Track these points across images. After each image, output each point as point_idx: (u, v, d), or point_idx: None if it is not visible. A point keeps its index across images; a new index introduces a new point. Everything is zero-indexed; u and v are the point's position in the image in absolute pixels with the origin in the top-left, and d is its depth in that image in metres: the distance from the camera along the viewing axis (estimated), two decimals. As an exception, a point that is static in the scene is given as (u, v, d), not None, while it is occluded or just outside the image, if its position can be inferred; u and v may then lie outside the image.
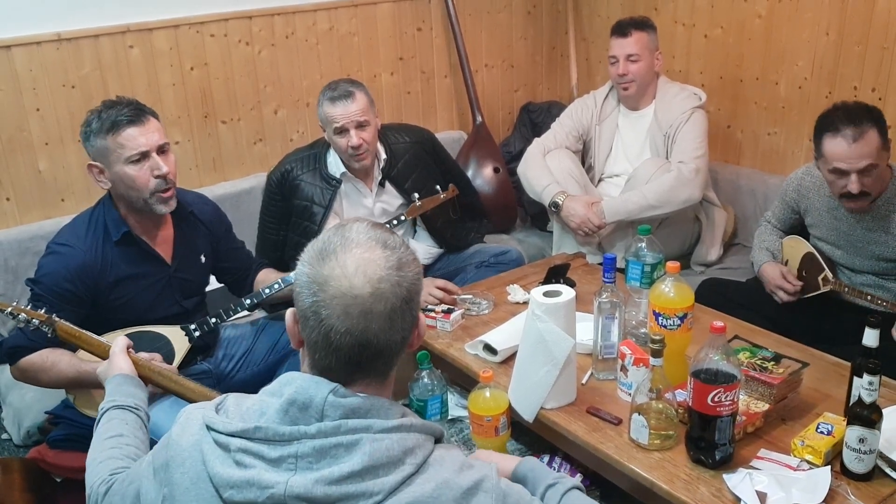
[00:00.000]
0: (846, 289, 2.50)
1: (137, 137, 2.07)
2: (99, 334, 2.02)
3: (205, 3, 3.16)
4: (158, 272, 2.25)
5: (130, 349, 1.78)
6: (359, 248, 1.15)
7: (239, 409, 1.17)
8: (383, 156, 2.84)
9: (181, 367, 2.21)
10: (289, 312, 1.21)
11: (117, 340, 1.77)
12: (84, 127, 2.10)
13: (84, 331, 1.96)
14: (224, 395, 1.23)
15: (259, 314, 2.75)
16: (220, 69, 3.26)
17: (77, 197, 3.05)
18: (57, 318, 1.93)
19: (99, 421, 1.52)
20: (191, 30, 3.15)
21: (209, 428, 1.15)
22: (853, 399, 1.71)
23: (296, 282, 1.18)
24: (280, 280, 2.39)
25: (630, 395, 1.87)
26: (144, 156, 2.09)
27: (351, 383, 1.16)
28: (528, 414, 1.94)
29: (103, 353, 1.87)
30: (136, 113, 2.08)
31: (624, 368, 1.94)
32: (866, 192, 2.36)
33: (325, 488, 1.06)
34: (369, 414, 1.12)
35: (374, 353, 1.15)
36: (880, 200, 2.42)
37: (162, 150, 2.13)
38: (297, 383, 1.14)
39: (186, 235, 2.32)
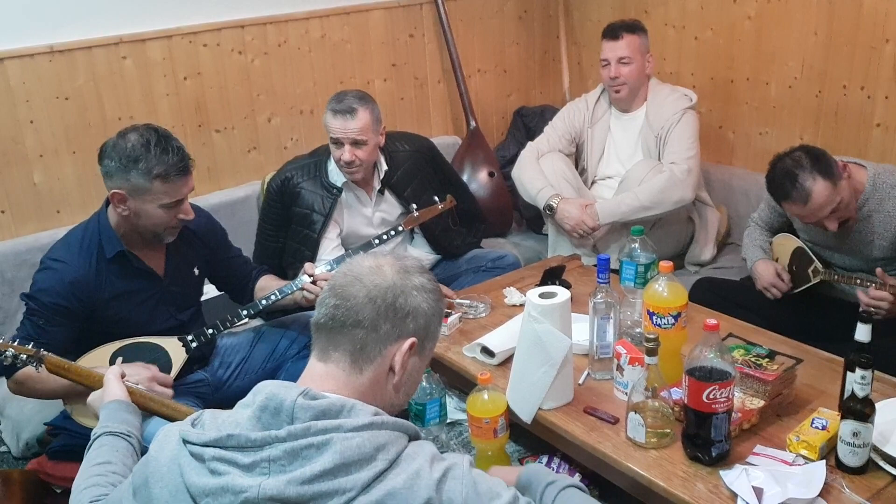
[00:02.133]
0: (836, 276, 2.52)
1: (182, 188, 2.13)
2: (97, 346, 2.02)
3: (197, 13, 3.17)
4: (151, 287, 2.25)
5: (123, 376, 1.76)
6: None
7: (215, 421, 1.19)
8: (384, 167, 2.85)
9: (178, 378, 2.22)
10: None
11: (111, 367, 1.76)
12: (125, 160, 2.06)
13: (73, 363, 1.94)
14: (201, 410, 1.25)
15: (256, 322, 2.76)
16: (213, 78, 3.27)
17: (72, 209, 3.06)
18: (45, 353, 1.92)
19: (90, 447, 1.52)
20: (184, 40, 3.16)
21: (185, 441, 1.18)
22: (847, 394, 1.72)
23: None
24: (276, 291, 2.39)
25: (626, 394, 1.88)
26: (179, 202, 2.15)
27: (326, 358, 1.23)
28: (526, 415, 1.95)
29: (94, 384, 1.85)
30: (186, 165, 2.14)
31: (620, 368, 1.95)
32: (846, 220, 2.41)
33: (297, 488, 1.09)
34: (340, 414, 1.14)
35: (341, 322, 1.22)
36: (863, 204, 2.43)
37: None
38: (267, 390, 1.17)
39: (179, 248, 2.33)
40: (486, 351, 2.20)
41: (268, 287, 2.50)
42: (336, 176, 2.82)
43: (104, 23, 2.99)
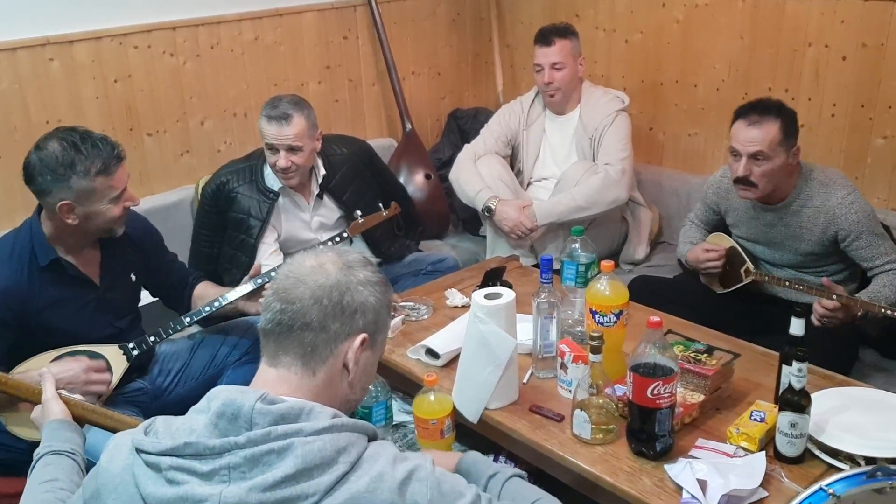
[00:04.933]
0: (767, 278, 2.61)
1: (123, 177, 2.11)
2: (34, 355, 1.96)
3: (127, 15, 3.09)
4: (87, 294, 2.20)
5: (61, 391, 1.69)
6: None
7: (169, 429, 1.16)
8: (322, 171, 2.82)
9: (116, 387, 2.16)
10: None
11: (46, 387, 1.65)
12: (61, 169, 2.00)
13: (9, 376, 1.83)
14: (152, 418, 1.22)
15: (193, 328, 2.70)
16: (144, 81, 3.19)
17: (-2, 216, 2.95)
18: None
19: (34, 467, 1.47)
20: (113, 42, 3.07)
21: (139, 451, 1.15)
22: (783, 386, 1.79)
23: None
24: (220, 298, 2.35)
25: (570, 391, 1.92)
26: (124, 191, 2.12)
27: (276, 363, 1.21)
28: (472, 415, 1.96)
29: (32, 397, 1.75)
30: (119, 153, 2.09)
31: (563, 366, 1.98)
32: (752, 182, 2.47)
33: (259, 495, 1.07)
34: (299, 418, 1.13)
35: (289, 326, 1.21)
36: (794, 199, 2.53)
37: None
38: (223, 395, 1.15)
39: (114, 255, 2.28)
40: (431, 352, 2.20)
41: (206, 294, 2.46)
42: (272, 180, 2.78)
43: (29, 23, 2.88)
